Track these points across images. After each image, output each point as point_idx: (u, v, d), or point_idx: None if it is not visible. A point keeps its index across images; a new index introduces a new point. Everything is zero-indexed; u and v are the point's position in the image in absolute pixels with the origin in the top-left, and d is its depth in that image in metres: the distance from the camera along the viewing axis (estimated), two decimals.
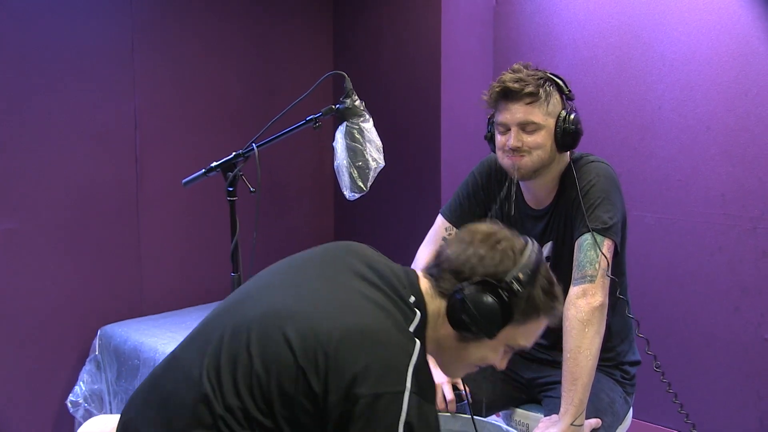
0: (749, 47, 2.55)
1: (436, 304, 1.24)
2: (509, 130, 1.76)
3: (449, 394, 1.78)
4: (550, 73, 1.79)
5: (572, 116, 1.76)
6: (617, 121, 2.93)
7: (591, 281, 1.68)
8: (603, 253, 1.69)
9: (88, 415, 2.69)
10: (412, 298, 1.22)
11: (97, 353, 2.79)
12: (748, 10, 2.55)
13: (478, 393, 1.90)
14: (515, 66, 1.79)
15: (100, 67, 2.87)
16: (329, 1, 3.72)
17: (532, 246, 1.25)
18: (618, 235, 1.75)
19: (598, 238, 1.71)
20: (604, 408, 1.78)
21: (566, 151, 1.80)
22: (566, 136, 1.75)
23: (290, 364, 1.09)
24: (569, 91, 1.79)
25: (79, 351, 2.85)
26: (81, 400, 2.70)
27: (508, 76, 1.76)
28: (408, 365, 1.09)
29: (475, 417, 1.72)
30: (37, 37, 2.69)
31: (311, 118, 1.73)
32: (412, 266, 2.02)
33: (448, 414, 1.74)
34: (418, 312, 1.20)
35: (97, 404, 2.71)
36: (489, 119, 1.85)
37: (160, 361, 1.27)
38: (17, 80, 2.65)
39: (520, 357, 2.02)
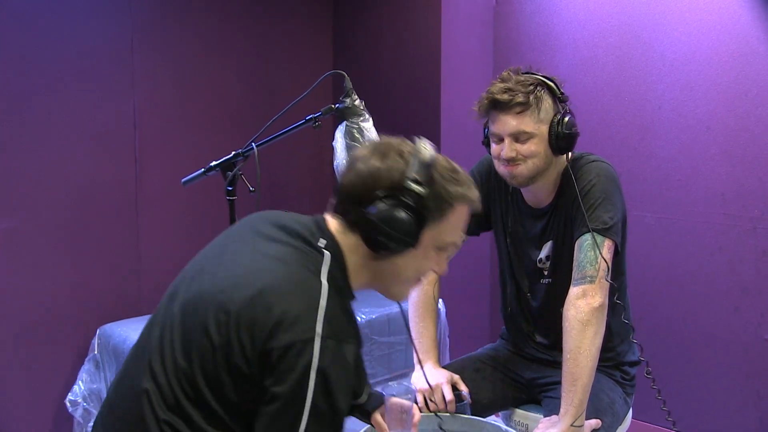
0: (749, 47, 2.55)
1: (352, 238, 1.23)
2: (502, 139, 1.75)
3: (449, 395, 1.77)
4: (542, 76, 1.77)
5: (566, 119, 1.73)
6: (617, 121, 2.93)
7: (591, 282, 1.67)
8: (602, 254, 1.69)
9: (87, 414, 2.69)
10: (323, 242, 1.22)
11: (96, 352, 2.78)
12: (748, 10, 2.55)
13: (477, 393, 1.90)
14: (504, 74, 1.76)
15: (99, 67, 2.87)
16: (329, 0, 3.72)
17: (420, 142, 1.24)
18: (618, 235, 1.74)
19: (599, 238, 1.70)
20: (604, 408, 1.77)
21: (563, 154, 1.79)
22: (561, 140, 1.73)
23: (208, 348, 1.11)
24: (562, 93, 1.76)
25: (78, 350, 2.84)
26: (80, 400, 2.70)
27: (496, 86, 1.73)
28: (316, 311, 1.10)
29: (474, 417, 1.72)
30: (37, 37, 2.69)
31: (311, 118, 1.73)
32: None
33: (448, 414, 1.74)
34: (327, 254, 1.19)
35: (95, 403, 2.71)
36: (484, 125, 1.84)
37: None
38: (17, 80, 2.65)
39: (520, 357, 2.02)
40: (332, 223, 1.27)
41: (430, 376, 1.81)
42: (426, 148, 1.23)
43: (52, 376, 2.81)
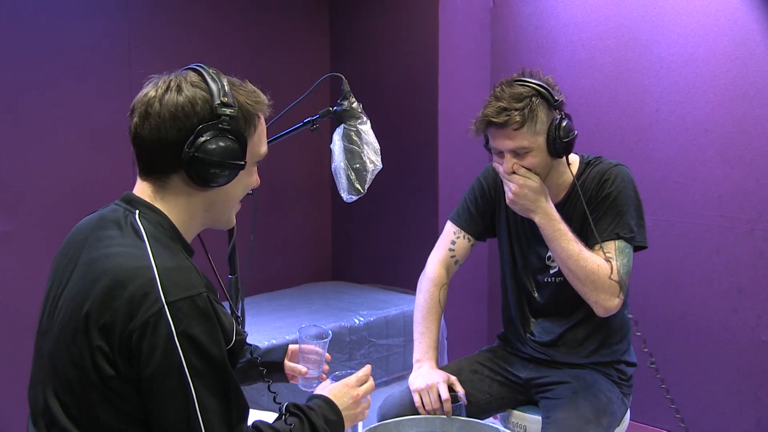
0: (747, 49, 2.56)
1: (171, 190, 1.22)
2: (502, 153, 1.79)
3: (444, 394, 1.77)
4: (535, 84, 1.77)
5: (564, 124, 1.75)
6: (615, 123, 2.94)
7: (620, 284, 1.76)
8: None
9: None
10: (137, 213, 1.20)
11: None
12: (746, 12, 2.56)
13: (475, 395, 1.91)
14: (497, 90, 1.78)
15: (97, 67, 2.87)
16: (326, 2, 3.72)
17: (204, 68, 1.23)
18: (644, 241, 1.87)
19: (629, 246, 1.80)
20: (602, 408, 1.78)
21: (562, 157, 1.81)
22: (560, 146, 1.76)
23: (83, 376, 1.10)
24: (555, 100, 1.77)
25: None
26: None
27: (491, 106, 1.75)
28: (152, 282, 1.08)
29: (472, 419, 1.72)
30: (34, 36, 2.68)
31: (308, 120, 1.73)
32: (423, 272, 2.05)
33: (444, 416, 1.74)
34: (138, 226, 1.17)
35: None
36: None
37: None
38: (13, 80, 2.65)
39: (517, 357, 2.02)
40: (143, 186, 1.25)
41: (427, 376, 1.82)
42: (211, 70, 1.23)
43: None
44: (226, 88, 1.21)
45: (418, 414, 1.76)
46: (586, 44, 3.00)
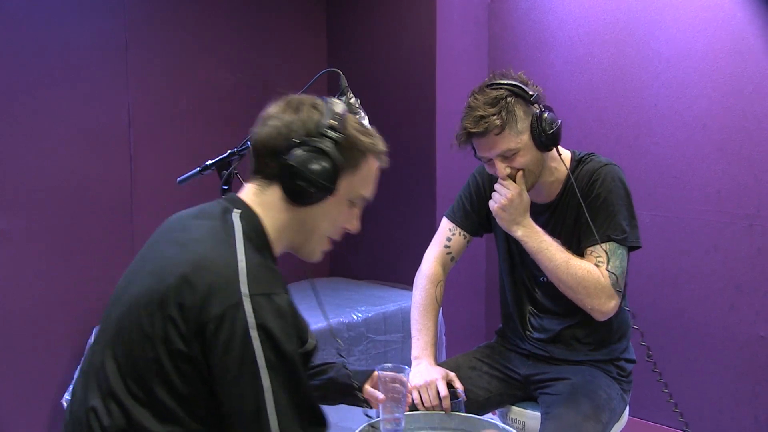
0: (745, 44, 2.55)
1: (272, 195, 1.26)
2: (491, 160, 1.78)
3: (443, 390, 1.77)
4: (506, 83, 1.74)
5: (545, 116, 1.73)
6: (613, 119, 2.93)
7: (617, 288, 1.75)
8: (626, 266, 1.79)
9: None
10: (237, 211, 1.24)
11: None
12: (744, 7, 2.55)
13: (473, 391, 1.90)
14: (471, 100, 1.77)
15: (93, 65, 2.86)
16: None
17: (328, 98, 1.30)
18: (637, 241, 1.83)
19: (622, 249, 1.78)
20: (602, 404, 1.78)
21: (551, 149, 1.80)
22: (547, 139, 1.74)
23: (147, 344, 1.13)
24: (531, 95, 1.74)
25: (74, 350, 2.83)
26: None
27: (468, 118, 1.74)
28: (236, 274, 1.12)
29: (471, 415, 1.72)
30: (31, 34, 2.68)
31: None
32: (419, 269, 2.04)
33: (443, 412, 1.74)
34: (235, 223, 1.21)
35: None
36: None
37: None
38: (10, 78, 2.64)
39: (516, 353, 2.02)
40: (248, 188, 1.29)
41: (425, 373, 1.81)
42: (336, 101, 1.29)
43: (48, 376, 2.80)
44: (338, 114, 1.26)
45: (417, 410, 1.76)
46: (584, 40, 2.99)
